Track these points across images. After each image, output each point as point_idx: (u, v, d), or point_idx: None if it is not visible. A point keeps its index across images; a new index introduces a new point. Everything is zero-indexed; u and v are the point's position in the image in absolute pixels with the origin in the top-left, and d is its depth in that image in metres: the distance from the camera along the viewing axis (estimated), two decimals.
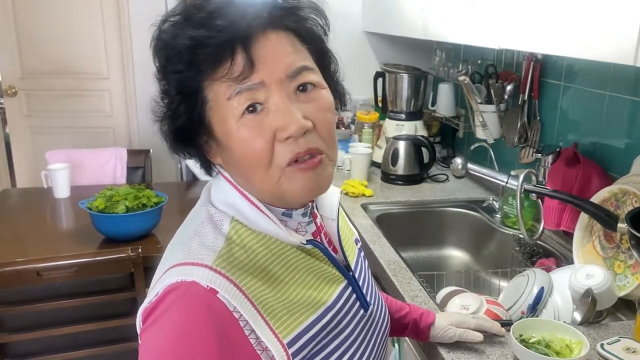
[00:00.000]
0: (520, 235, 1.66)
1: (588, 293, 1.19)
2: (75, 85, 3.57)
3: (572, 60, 1.66)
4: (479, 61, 2.18)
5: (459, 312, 1.20)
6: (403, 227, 1.96)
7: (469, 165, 1.67)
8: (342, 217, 0.91)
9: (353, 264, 0.85)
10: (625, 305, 1.30)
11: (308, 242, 0.76)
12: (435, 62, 2.55)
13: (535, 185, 1.48)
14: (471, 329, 1.09)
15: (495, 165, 2.00)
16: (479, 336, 1.08)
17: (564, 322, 1.15)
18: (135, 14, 3.43)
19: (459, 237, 1.98)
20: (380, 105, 2.58)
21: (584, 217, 1.44)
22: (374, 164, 2.34)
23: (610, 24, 1.02)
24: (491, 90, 1.95)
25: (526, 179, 1.46)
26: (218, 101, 0.69)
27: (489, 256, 1.87)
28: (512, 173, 1.61)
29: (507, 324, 1.13)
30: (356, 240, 0.94)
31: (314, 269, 0.77)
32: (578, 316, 1.20)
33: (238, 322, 0.67)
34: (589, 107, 1.62)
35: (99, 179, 2.76)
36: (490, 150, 2.01)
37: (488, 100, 1.97)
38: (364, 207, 1.96)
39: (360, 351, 0.79)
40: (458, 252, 1.97)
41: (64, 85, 3.57)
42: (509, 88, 1.92)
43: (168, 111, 0.73)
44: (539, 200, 1.59)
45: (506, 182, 1.57)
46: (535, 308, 1.23)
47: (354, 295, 0.81)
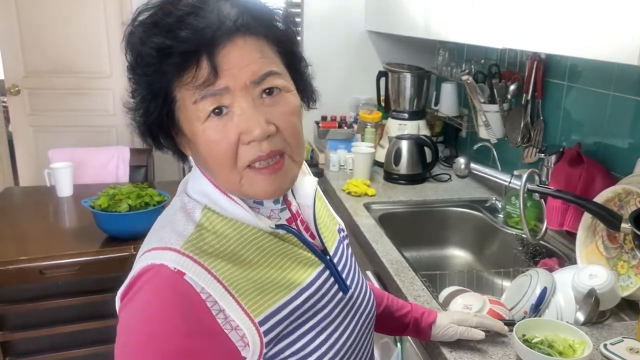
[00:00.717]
0: (523, 235, 1.66)
1: (591, 293, 1.19)
2: (78, 84, 3.58)
3: (576, 60, 1.66)
4: (482, 61, 2.17)
5: (460, 311, 1.20)
6: (406, 227, 1.96)
7: (472, 165, 1.67)
8: (324, 207, 0.95)
9: (332, 250, 0.87)
10: (629, 306, 1.30)
11: (278, 227, 0.79)
12: (438, 62, 2.55)
13: (538, 185, 1.48)
14: (473, 326, 1.09)
15: (498, 165, 2.00)
16: (481, 334, 1.08)
17: (566, 322, 1.15)
18: None
19: (462, 237, 1.98)
20: (383, 104, 2.57)
21: (587, 217, 1.44)
22: (376, 164, 2.33)
23: (614, 24, 1.01)
24: (494, 90, 1.95)
25: (529, 179, 1.45)
26: (185, 103, 0.72)
27: (492, 256, 1.87)
28: (515, 173, 1.61)
29: (510, 324, 1.13)
30: (340, 230, 0.96)
31: (288, 253, 0.79)
32: (581, 316, 1.20)
33: (205, 303, 0.69)
34: (592, 107, 1.61)
35: (101, 178, 2.76)
36: (493, 150, 2.01)
37: (491, 100, 1.97)
38: (367, 207, 1.96)
39: (339, 332, 0.81)
40: (461, 252, 1.97)
41: (66, 83, 3.57)
42: (512, 88, 1.92)
43: (139, 108, 0.75)
44: (542, 200, 1.59)
45: (509, 182, 1.57)
46: (538, 308, 1.23)
47: (332, 279, 0.83)
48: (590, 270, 1.25)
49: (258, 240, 0.77)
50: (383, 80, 2.52)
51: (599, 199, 1.39)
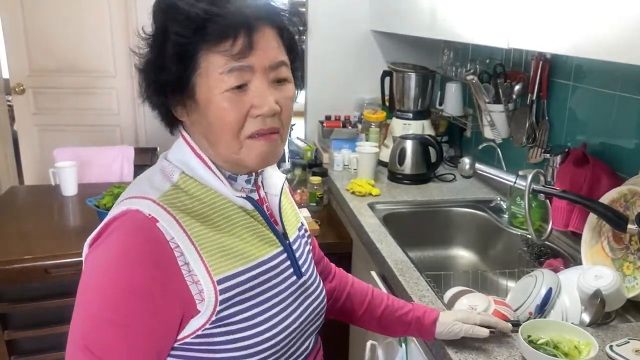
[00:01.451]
0: (528, 236, 1.65)
1: (597, 294, 1.19)
2: (82, 83, 3.59)
3: (581, 60, 1.65)
4: (487, 60, 2.17)
5: (463, 310, 1.20)
6: (410, 227, 1.95)
7: (477, 165, 1.66)
8: (289, 203, 1.03)
9: (292, 238, 0.95)
10: (634, 307, 1.29)
11: (247, 199, 0.87)
12: (443, 61, 2.54)
13: (543, 186, 1.47)
14: (476, 324, 1.09)
15: (503, 165, 1.99)
16: (485, 331, 1.08)
17: (572, 323, 1.15)
18: (143, 11, 3.43)
19: (467, 237, 1.98)
20: (387, 104, 2.57)
21: (592, 218, 1.43)
22: (380, 163, 2.33)
23: (619, 24, 1.01)
24: (499, 90, 1.94)
25: (534, 179, 1.45)
26: (209, 71, 0.78)
27: (497, 256, 1.86)
28: (520, 173, 1.60)
29: (515, 324, 1.13)
30: (302, 227, 1.03)
31: (252, 228, 0.87)
32: (586, 317, 1.19)
33: (173, 252, 0.76)
34: (598, 107, 1.61)
35: (106, 177, 2.77)
36: (498, 150, 2.00)
37: (496, 100, 1.96)
38: (371, 207, 1.95)
39: (289, 311, 0.88)
40: (465, 252, 1.97)
41: (71, 83, 3.58)
42: (517, 88, 1.91)
43: (160, 67, 0.80)
44: (547, 200, 1.58)
45: (514, 182, 1.56)
46: (543, 309, 1.23)
47: (289, 262, 0.91)
48: (595, 271, 1.24)
49: (227, 210, 0.85)
50: (387, 79, 2.51)
51: (605, 199, 1.39)
